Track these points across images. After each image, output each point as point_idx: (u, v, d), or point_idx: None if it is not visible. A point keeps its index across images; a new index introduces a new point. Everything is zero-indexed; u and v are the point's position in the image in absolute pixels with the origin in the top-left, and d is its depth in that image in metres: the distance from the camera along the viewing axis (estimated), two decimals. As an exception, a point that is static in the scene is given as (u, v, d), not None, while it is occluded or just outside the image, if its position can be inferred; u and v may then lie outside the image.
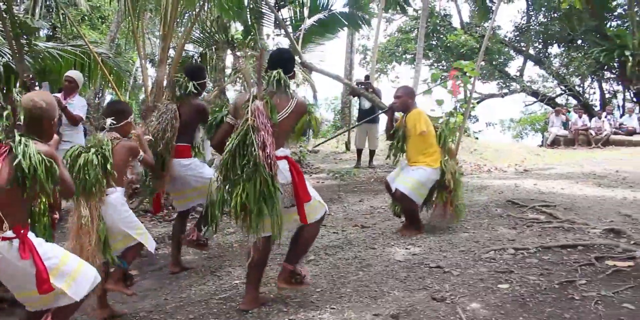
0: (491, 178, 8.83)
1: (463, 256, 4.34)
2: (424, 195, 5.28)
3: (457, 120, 10.22)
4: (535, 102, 23.12)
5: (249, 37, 12.09)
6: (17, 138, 2.68)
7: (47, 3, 8.84)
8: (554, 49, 22.75)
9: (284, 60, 3.66)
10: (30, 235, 2.74)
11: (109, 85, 8.73)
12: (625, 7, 19.45)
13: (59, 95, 6.15)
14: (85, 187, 3.38)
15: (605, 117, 15.55)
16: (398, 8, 17.84)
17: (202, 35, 11.43)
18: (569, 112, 16.97)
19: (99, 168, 3.43)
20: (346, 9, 12.21)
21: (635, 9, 18.14)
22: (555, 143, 15.60)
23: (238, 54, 11.69)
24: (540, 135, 19.39)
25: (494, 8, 18.44)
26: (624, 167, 9.65)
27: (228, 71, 17.38)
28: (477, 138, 15.52)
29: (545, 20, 21.11)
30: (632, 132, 14.96)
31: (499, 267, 4.00)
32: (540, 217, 5.56)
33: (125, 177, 3.79)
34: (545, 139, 16.39)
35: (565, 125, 15.97)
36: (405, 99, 5.38)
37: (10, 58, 7.34)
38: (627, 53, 16.46)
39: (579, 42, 20.74)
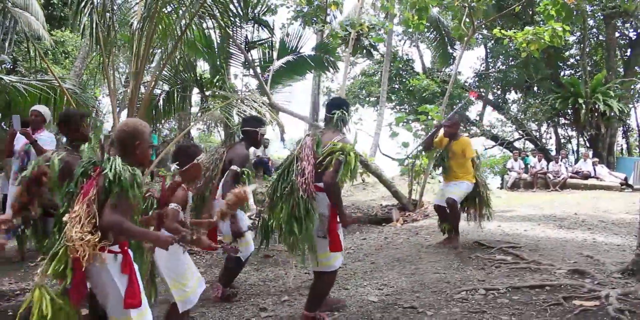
0: (456, 219, 8.92)
1: (435, 297, 4.38)
2: None
3: (422, 163, 10.46)
4: (494, 145, 23.70)
5: (217, 76, 12.15)
6: (106, 157, 2.78)
7: (12, 37, 8.74)
8: (512, 95, 23.65)
9: (345, 104, 4.07)
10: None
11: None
12: (578, 57, 20.49)
13: (28, 129, 6.02)
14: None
15: (561, 160, 16.09)
16: (364, 52, 18.29)
17: (169, 73, 11.35)
18: (527, 156, 17.49)
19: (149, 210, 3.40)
20: (314, 53, 12.49)
21: (587, 60, 19.12)
22: (515, 186, 15.99)
23: (206, 93, 11.69)
24: (500, 178, 19.81)
25: (454, 54, 19.16)
26: (582, 210, 9.95)
27: (194, 110, 17.34)
28: (440, 181, 15.73)
29: (504, 67, 21.90)
30: (588, 176, 15.52)
31: (472, 307, 4.04)
32: (507, 258, 5.67)
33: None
34: (505, 181, 16.79)
35: (525, 168, 16.46)
36: (456, 129, 6.65)
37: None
38: (581, 101, 17.22)
39: (536, 89, 21.57)
